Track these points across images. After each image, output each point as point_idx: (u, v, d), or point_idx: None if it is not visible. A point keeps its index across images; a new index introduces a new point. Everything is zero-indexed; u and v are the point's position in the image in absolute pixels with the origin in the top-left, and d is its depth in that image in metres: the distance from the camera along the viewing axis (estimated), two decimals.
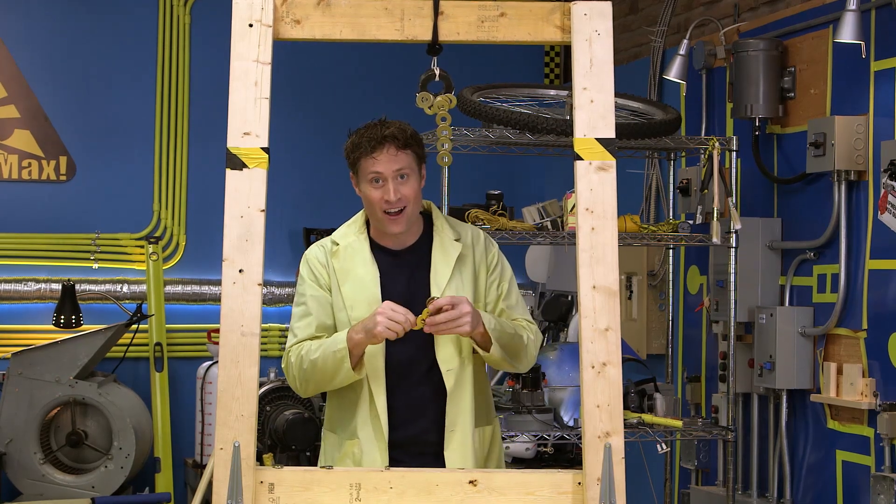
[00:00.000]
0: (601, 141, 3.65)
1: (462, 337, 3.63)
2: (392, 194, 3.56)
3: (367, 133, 3.60)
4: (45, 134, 6.60)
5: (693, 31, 5.63)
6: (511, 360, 3.69)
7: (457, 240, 3.72)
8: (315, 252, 3.77)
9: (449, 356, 3.68)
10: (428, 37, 3.48)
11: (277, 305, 6.89)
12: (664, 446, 4.85)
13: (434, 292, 3.62)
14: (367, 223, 3.73)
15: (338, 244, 3.73)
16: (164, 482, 6.31)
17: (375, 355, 3.63)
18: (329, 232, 6.80)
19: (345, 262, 3.70)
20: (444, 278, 3.66)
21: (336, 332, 3.65)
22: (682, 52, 5.56)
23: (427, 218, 3.76)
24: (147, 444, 6.21)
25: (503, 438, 4.65)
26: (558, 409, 4.79)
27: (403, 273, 3.68)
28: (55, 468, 5.96)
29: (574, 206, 4.46)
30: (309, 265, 3.75)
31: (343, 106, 7.01)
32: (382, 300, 3.59)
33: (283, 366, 3.72)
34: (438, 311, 3.47)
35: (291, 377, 3.72)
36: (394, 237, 3.67)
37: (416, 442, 3.71)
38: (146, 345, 6.45)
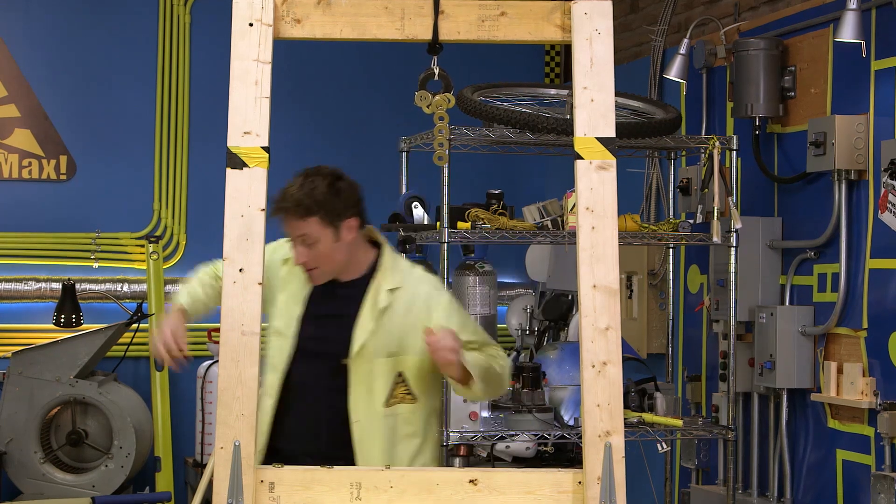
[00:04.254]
0: (601, 140, 3.65)
1: (387, 385, 3.70)
2: (297, 258, 3.68)
3: (275, 198, 3.69)
4: (46, 133, 6.60)
5: (693, 31, 5.63)
6: (490, 391, 3.76)
7: (392, 289, 3.71)
8: (281, 246, 3.83)
9: (362, 406, 3.70)
10: (428, 36, 3.48)
11: None
12: (664, 445, 4.85)
13: (357, 340, 3.67)
14: None
15: (290, 258, 3.78)
16: (164, 481, 6.31)
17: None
18: None
19: (289, 274, 3.78)
20: (365, 331, 3.68)
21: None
22: (682, 51, 5.56)
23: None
24: (147, 444, 6.21)
25: (503, 437, 4.65)
26: (559, 408, 4.80)
27: (329, 306, 3.74)
28: (55, 467, 5.96)
29: (574, 206, 4.46)
30: (272, 248, 3.79)
31: (343, 105, 7.01)
32: (301, 323, 3.71)
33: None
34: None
35: None
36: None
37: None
38: (146, 344, 6.45)
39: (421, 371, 3.76)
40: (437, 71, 3.70)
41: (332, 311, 3.74)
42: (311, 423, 3.74)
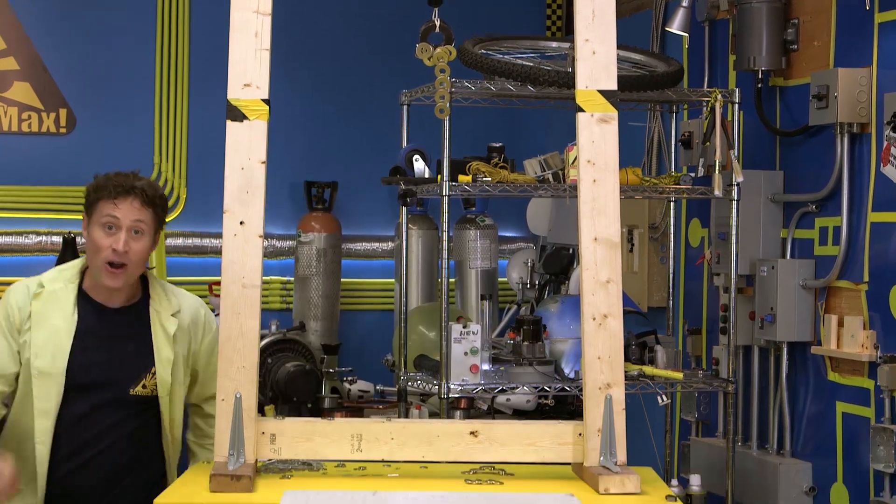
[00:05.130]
0: (603, 93, 3.64)
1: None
2: (121, 244, 3.53)
3: (115, 179, 3.58)
4: (45, 86, 6.58)
5: None
6: None
7: (174, 314, 3.70)
8: (17, 290, 3.66)
9: (167, 437, 3.73)
10: None
11: (279, 258, 6.89)
12: (665, 398, 4.87)
13: (159, 370, 3.64)
14: (83, 274, 3.66)
15: (43, 287, 3.63)
16: None
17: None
18: (332, 185, 6.84)
19: (44, 307, 3.60)
20: (168, 356, 3.65)
21: (15, 376, 3.58)
22: (684, 4, 5.53)
23: (144, 282, 3.74)
24: None
25: (503, 390, 4.66)
26: (559, 361, 4.81)
27: (109, 333, 3.63)
28: None
29: (576, 159, 4.45)
30: (6, 303, 3.64)
31: (344, 57, 6.98)
32: (75, 356, 3.55)
33: None
34: None
35: None
36: (108, 291, 3.62)
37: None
38: None
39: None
40: (438, 23, 3.69)
41: (114, 339, 3.64)
42: (99, 463, 3.63)
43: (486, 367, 4.63)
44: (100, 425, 3.60)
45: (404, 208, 5.19)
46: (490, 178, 4.73)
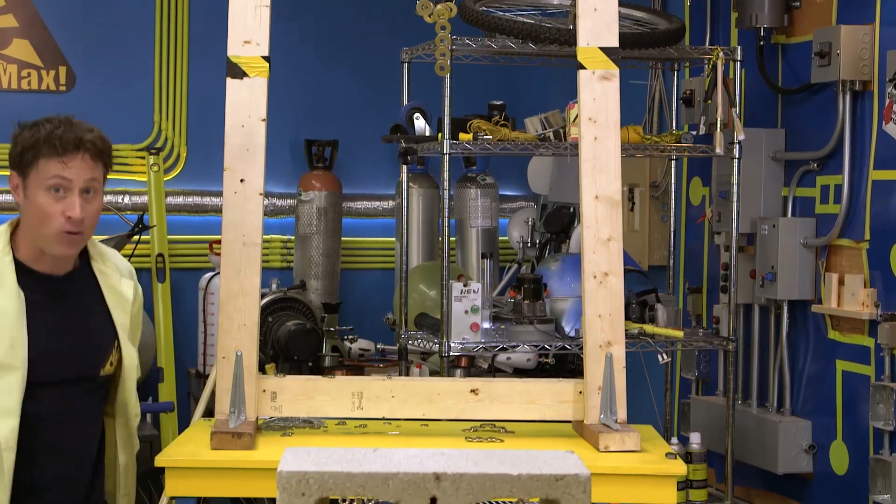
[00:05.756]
0: (605, 50, 3.63)
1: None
2: (77, 210, 2.97)
3: (57, 130, 2.99)
4: (45, 44, 6.55)
5: None
6: None
7: (122, 274, 3.22)
8: None
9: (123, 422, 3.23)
10: None
11: (279, 217, 6.88)
12: (665, 356, 4.87)
13: (122, 337, 3.14)
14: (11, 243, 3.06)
15: None
16: (167, 392, 6.35)
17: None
18: (332, 144, 6.81)
19: None
20: (126, 322, 3.17)
21: None
22: None
23: None
24: (150, 355, 6.24)
25: (504, 348, 4.67)
26: (560, 319, 4.81)
27: (59, 307, 3.07)
28: None
29: (577, 117, 4.44)
30: None
31: (344, 15, 6.95)
32: (34, 340, 2.97)
33: None
34: None
35: None
36: (54, 260, 3.05)
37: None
38: (148, 256, 6.46)
39: None
40: None
41: (70, 314, 3.08)
42: (75, 465, 3.10)
43: (486, 325, 4.64)
44: (72, 418, 3.07)
45: (405, 167, 5.18)
46: (491, 137, 4.72)
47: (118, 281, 3.18)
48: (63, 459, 3.07)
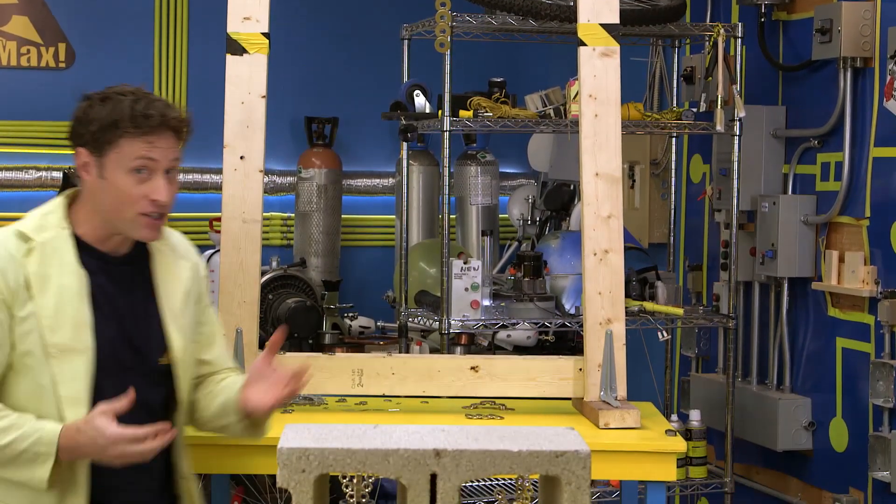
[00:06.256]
0: (605, 26, 3.62)
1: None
2: (164, 193, 2.77)
3: (140, 105, 2.80)
4: (44, 20, 6.53)
5: None
6: None
7: (179, 255, 2.97)
8: (6, 241, 2.77)
9: (184, 415, 2.94)
10: None
11: (279, 194, 6.87)
12: (665, 334, 4.88)
13: (169, 325, 2.86)
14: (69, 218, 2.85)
15: (31, 239, 2.77)
16: None
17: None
18: (332, 121, 6.81)
19: (43, 265, 2.74)
20: (177, 307, 2.89)
21: (9, 365, 2.71)
22: None
23: None
24: None
25: (504, 326, 4.67)
26: (560, 297, 4.81)
27: (118, 289, 2.84)
28: None
29: (577, 94, 4.43)
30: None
31: None
32: (98, 323, 2.75)
33: None
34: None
35: None
36: (121, 240, 2.85)
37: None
38: None
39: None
40: None
41: (129, 297, 2.85)
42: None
43: (486, 302, 4.64)
44: (140, 410, 2.73)
45: (405, 144, 5.17)
46: (491, 114, 4.72)
47: (174, 262, 2.93)
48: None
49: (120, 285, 2.83)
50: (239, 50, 3.47)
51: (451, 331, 4.58)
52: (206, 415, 2.97)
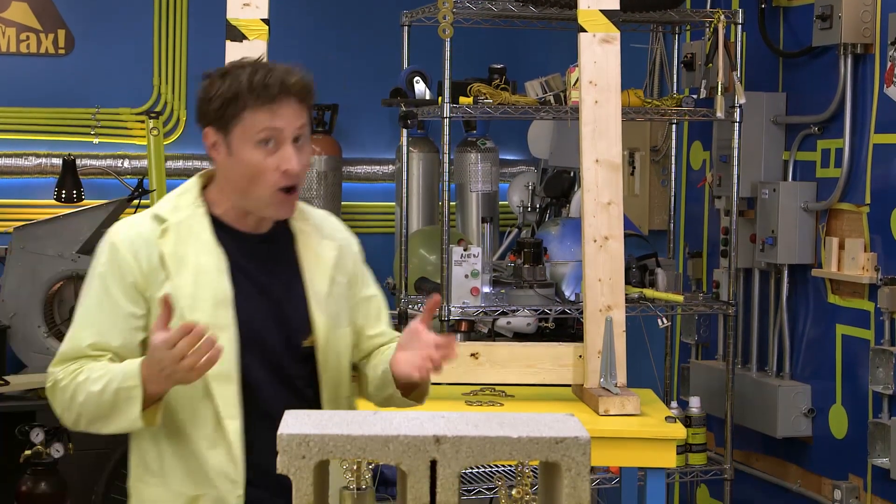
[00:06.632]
0: (605, 13, 3.62)
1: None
2: (295, 162, 2.65)
3: (259, 76, 2.67)
4: (43, 7, 6.52)
5: None
6: None
7: (323, 235, 2.86)
8: (126, 235, 2.70)
9: (329, 397, 2.79)
10: None
11: None
12: (665, 321, 4.88)
13: (314, 308, 2.75)
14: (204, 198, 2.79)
15: (165, 220, 2.72)
16: None
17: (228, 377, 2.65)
18: (332, 108, 6.80)
19: (178, 244, 2.69)
20: (323, 290, 2.78)
21: (126, 350, 2.67)
22: None
23: None
24: None
25: (504, 313, 4.68)
26: (560, 283, 4.81)
27: (260, 268, 2.75)
28: (59, 342, 5.95)
29: (577, 80, 4.43)
30: (116, 252, 2.69)
31: None
32: (235, 298, 2.67)
33: (47, 385, 2.69)
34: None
35: (60, 405, 2.66)
36: (259, 219, 2.75)
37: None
38: None
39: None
40: None
41: (270, 277, 2.75)
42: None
43: (486, 289, 4.64)
44: (287, 391, 2.70)
45: (405, 131, 5.17)
46: (491, 100, 4.71)
47: (318, 242, 2.81)
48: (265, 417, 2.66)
49: (261, 264, 2.74)
50: (238, 36, 3.46)
51: (451, 318, 4.58)
52: (370, 388, 2.87)
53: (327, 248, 2.81)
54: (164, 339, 2.46)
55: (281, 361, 2.70)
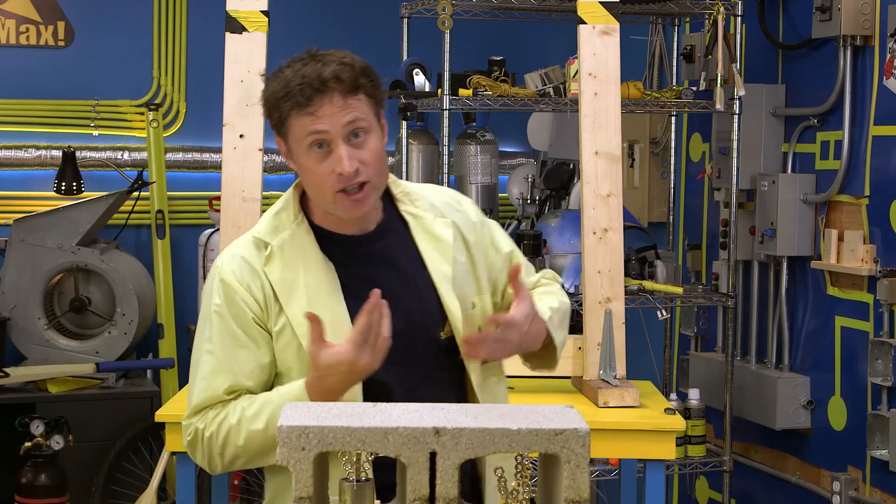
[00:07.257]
0: (605, 5, 3.62)
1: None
2: (346, 164, 2.44)
3: (296, 75, 2.48)
4: None
5: None
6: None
7: (436, 215, 2.66)
8: (231, 267, 2.55)
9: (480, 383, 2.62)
10: None
11: (279, 173, 6.87)
12: (664, 313, 4.88)
13: (444, 294, 2.58)
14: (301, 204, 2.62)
15: (269, 245, 2.55)
16: (167, 348, 6.36)
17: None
18: None
19: (286, 269, 2.52)
20: (449, 272, 2.60)
21: (270, 378, 2.54)
22: None
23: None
24: (150, 311, 6.25)
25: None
26: (559, 275, 4.81)
27: (376, 270, 2.58)
28: (59, 334, 6.00)
29: (577, 72, 4.43)
30: (229, 289, 2.53)
31: None
32: (351, 316, 2.48)
33: (187, 439, 2.54)
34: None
35: (208, 454, 2.51)
36: (354, 220, 2.57)
37: None
38: (148, 212, 6.46)
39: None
40: None
41: (392, 276, 2.57)
42: None
43: None
44: (431, 393, 2.47)
45: (404, 123, 5.17)
46: (491, 92, 4.71)
47: (432, 222, 2.62)
48: None
49: (376, 266, 2.57)
50: (238, 28, 3.46)
51: None
52: None
53: (443, 227, 2.62)
54: (334, 353, 2.35)
55: (419, 363, 2.55)
